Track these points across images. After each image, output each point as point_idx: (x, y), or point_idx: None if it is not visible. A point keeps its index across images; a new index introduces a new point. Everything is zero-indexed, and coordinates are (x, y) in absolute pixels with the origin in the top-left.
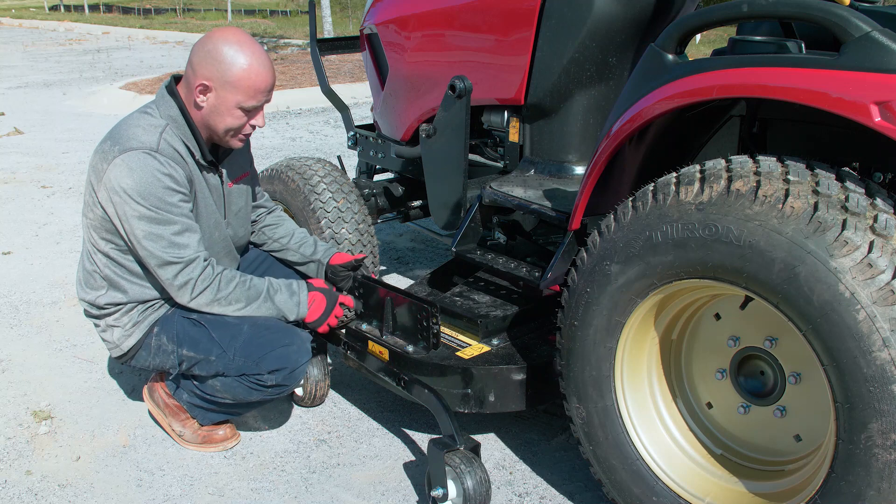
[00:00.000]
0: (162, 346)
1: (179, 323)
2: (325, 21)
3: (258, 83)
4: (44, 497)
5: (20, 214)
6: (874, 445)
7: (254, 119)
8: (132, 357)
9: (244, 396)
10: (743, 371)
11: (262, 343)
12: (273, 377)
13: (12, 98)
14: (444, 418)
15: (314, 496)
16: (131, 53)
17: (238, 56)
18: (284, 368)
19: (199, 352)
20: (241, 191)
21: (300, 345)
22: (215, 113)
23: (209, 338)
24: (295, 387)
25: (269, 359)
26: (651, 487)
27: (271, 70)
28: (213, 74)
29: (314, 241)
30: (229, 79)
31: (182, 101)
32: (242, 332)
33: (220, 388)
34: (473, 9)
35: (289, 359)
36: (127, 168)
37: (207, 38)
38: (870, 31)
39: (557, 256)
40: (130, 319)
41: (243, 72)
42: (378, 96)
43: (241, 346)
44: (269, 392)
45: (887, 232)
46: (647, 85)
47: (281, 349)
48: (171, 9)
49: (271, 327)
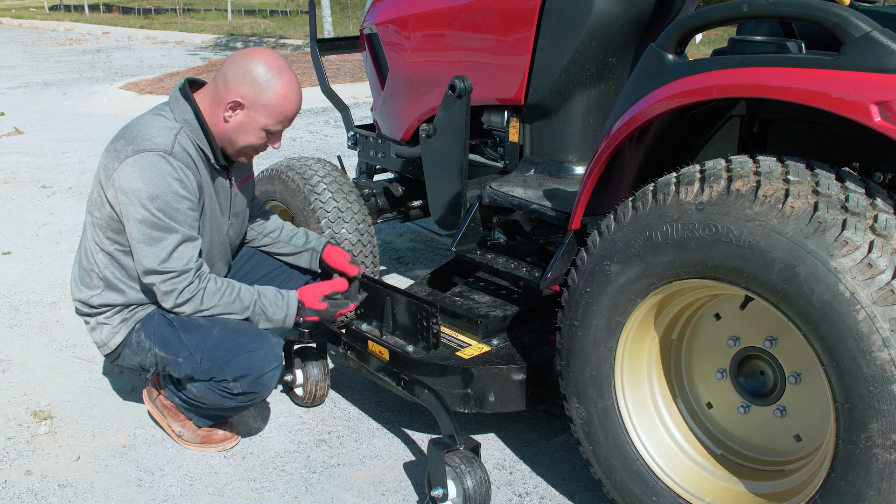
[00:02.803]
0: (141, 344)
1: (157, 321)
2: (325, 21)
3: (288, 111)
4: (44, 497)
5: (20, 214)
6: (874, 445)
7: (273, 142)
8: (119, 355)
9: (219, 403)
10: (743, 371)
11: (228, 347)
12: (238, 384)
13: (12, 98)
14: (444, 418)
15: (314, 496)
16: (131, 53)
17: (276, 82)
18: (249, 375)
19: (169, 353)
20: (246, 192)
21: (267, 350)
22: (240, 130)
23: (179, 339)
24: (266, 394)
25: (233, 364)
26: (651, 487)
27: (301, 99)
28: (248, 94)
29: (304, 231)
30: (264, 101)
31: (197, 107)
32: (212, 335)
33: (196, 393)
34: (473, 9)
35: (253, 365)
36: (139, 170)
37: (247, 58)
38: (870, 31)
39: (557, 256)
40: (119, 317)
41: (278, 97)
42: (378, 96)
43: (208, 349)
44: (239, 400)
45: (887, 232)
46: (647, 85)
47: (245, 355)
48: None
49: (241, 332)
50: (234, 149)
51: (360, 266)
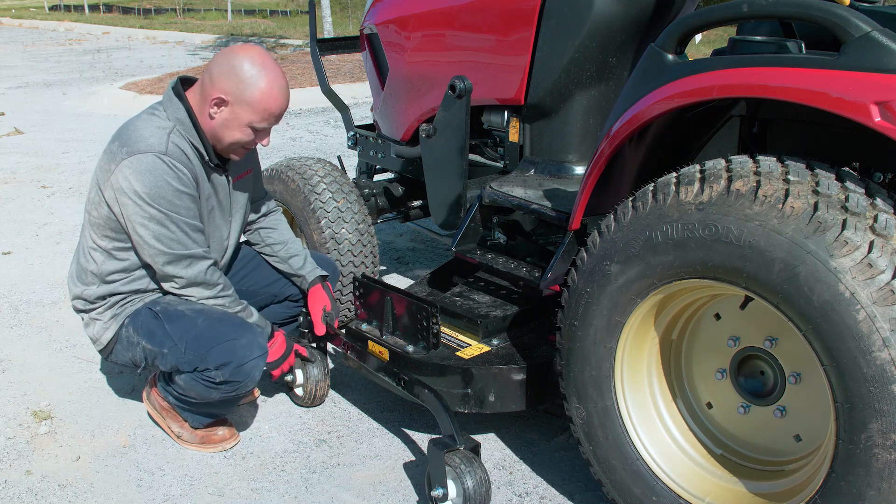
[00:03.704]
0: (130, 339)
1: (144, 315)
2: (325, 21)
3: (273, 107)
4: (44, 497)
5: (20, 214)
6: (874, 445)
7: (261, 139)
8: (111, 351)
9: (204, 395)
10: (743, 371)
11: (210, 337)
12: (220, 373)
13: (12, 98)
14: (444, 418)
15: (314, 496)
16: (131, 53)
17: (259, 78)
18: (230, 363)
19: (155, 344)
20: (244, 187)
21: (250, 340)
22: (226, 127)
23: (163, 331)
24: (250, 385)
25: (215, 353)
26: (651, 487)
27: (287, 96)
28: (231, 90)
29: (305, 256)
30: (247, 98)
31: (190, 105)
32: (196, 325)
33: (183, 385)
34: (473, 9)
35: (235, 353)
36: (135, 171)
37: (232, 54)
38: (870, 31)
39: (557, 256)
40: (110, 313)
41: (261, 94)
42: (378, 96)
43: (192, 339)
44: (223, 390)
45: (887, 232)
46: (647, 85)
47: (227, 343)
48: (171, 9)
49: (224, 321)
50: (222, 145)
51: (333, 321)
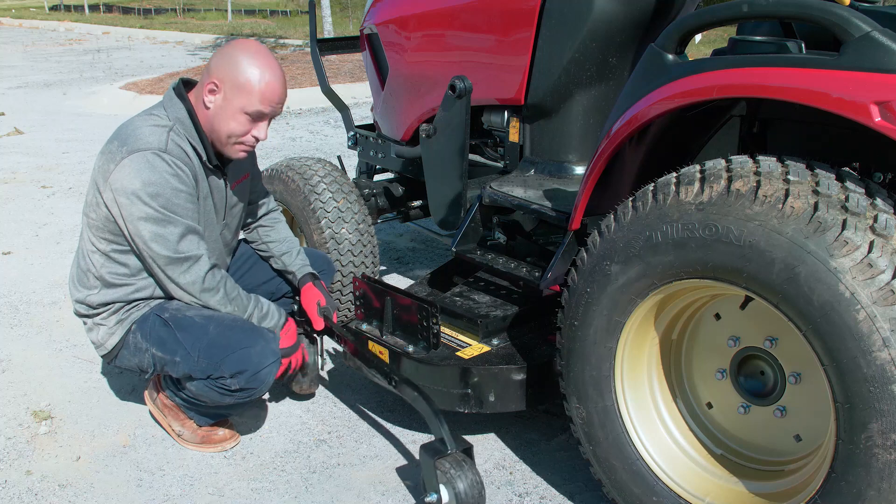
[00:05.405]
0: (138, 345)
1: (152, 322)
2: (325, 21)
3: (265, 91)
4: (44, 497)
5: (20, 214)
6: (874, 445)
7: (256, 129)
8: (116, 356)
9: (218, 400)
10: (743, 371)
11: (224, 345)
12: (236, 381)
13: (12, 98)
14: (433, 421)
15: (314, 496)
16: (131, 53)
17: (251, 63)
18: (245, 371)
19: (166, 353)
20: (242, 191)
21: (263, 346)
22: (220, 115)
23: (175, 339)
24: (264, 390)
25: (230, 361)
26: (651, 487)
27: (282, 83)
28: (224, 76)
29: (297, 253)
30: (239, 81)
31: (191, 105)
32: (207, 333)
33: (195, 391)
34: (473, 9)
35: (250, 361)
36: (134, 169)
37: (229, 45)
38: (870, 31)
39: (557, 256)
40: (115, 318)
41: (253, 77)
42: (378, 96)
43: (205, 347)
44: (238, 396)
45: (887, 232)
46: (647, 85)
47: (241, 351)
48: (171, 9)
49: (236, 328)
50: (220, 139)
51: (331, 315)
